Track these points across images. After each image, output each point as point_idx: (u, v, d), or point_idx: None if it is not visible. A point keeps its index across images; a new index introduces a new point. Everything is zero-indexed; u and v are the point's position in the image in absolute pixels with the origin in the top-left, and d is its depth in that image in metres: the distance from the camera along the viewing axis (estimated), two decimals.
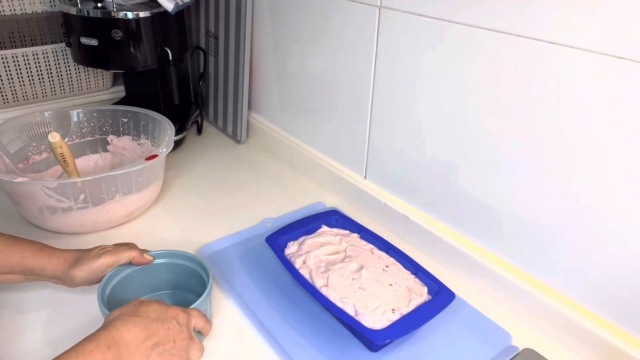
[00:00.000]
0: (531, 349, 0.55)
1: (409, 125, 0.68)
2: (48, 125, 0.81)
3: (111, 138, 0.85)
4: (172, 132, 0.76)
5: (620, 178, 0.48)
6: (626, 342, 0.51)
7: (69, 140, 0.83)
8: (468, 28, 0.56)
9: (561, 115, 0.51)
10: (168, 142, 0.73)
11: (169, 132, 0.76)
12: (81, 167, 0.79)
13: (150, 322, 0.46)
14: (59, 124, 0.82)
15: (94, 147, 0.86)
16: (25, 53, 0.95)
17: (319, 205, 0.81)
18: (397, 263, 0.62)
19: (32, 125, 0.79)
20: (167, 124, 0.78)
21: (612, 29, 0.45)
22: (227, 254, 0.68)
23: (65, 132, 0.82)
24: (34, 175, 0.77)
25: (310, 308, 0.60)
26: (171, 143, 0.73)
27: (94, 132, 0.85)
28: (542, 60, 0.50)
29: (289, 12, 0.83)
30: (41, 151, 0.80)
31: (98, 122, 0.85)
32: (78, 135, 0.84)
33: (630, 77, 0.44)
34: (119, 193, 0.69)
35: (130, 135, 0.85)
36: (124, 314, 0.46)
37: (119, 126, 0.85)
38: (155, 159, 0.69)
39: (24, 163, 0.77)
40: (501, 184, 0.59)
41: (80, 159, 0.83)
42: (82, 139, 0.84)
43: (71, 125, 0.83)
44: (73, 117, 0.83)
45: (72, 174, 0.71)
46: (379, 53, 0.69)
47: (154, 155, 0.69)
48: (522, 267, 0.60)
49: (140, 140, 0.84)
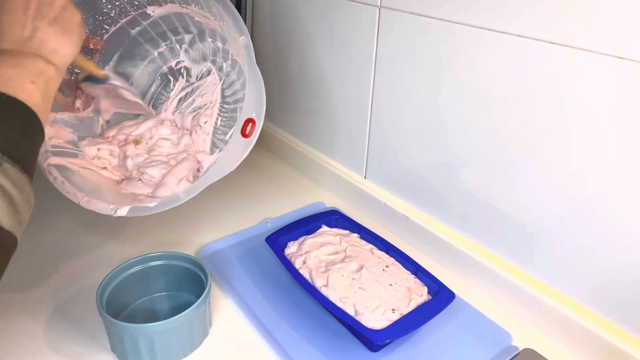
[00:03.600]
0: (531, 349, 0.55)
1: (409, 125, 0.68)
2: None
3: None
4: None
5: (621, 178, 0.48)
6: (626, 342, 0.51)
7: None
8: (468, 28, 0.56)
9: (561, 115, 0.51)
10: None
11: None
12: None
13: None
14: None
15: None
16: None
17: (319, 205, 0.81)
18: (397, 263, 0.62)
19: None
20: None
21: (612, 29, 0.45)
22: (227, 254, 0.68)
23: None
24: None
25: (310, 308, 0.60)
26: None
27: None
28: (543, 60, 0.50)
29: (289, 12, 0.83)
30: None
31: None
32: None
33: (631, 77, 0.44)
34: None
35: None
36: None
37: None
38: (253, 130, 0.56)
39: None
40: (501, 184, 0.59)
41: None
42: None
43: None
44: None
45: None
46: (379, 53, 0.69)
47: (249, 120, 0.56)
48: (522, 267, 0.60)
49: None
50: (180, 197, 0.55)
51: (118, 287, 0.55)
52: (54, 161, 0.60)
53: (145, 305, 0.59)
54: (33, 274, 0.63)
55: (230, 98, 0.71)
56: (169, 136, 0.72)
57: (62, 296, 0.60)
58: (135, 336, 0.49)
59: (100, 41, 0.68)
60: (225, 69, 0.71)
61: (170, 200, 0.55)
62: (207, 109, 0.72)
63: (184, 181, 0.64)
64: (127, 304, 0.58)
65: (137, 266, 0.57)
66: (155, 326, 0.48)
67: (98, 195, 0.59)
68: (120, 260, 0.57)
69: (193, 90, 0.74)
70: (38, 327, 0.56)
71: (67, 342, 0.54)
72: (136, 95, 0.72)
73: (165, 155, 0.70)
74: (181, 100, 0.74)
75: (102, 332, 0.54)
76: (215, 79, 0.72)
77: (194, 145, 0.72)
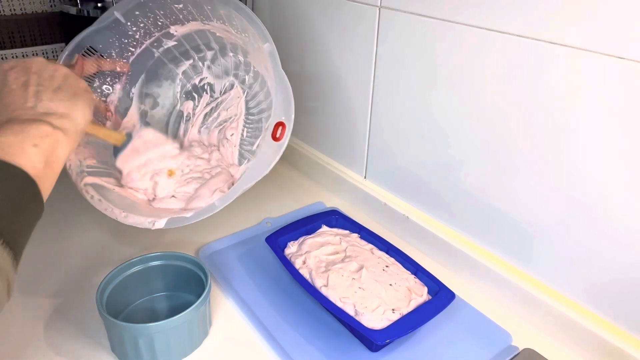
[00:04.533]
0: (531, 349, 0.55)
1: (409, 125, 0.68)
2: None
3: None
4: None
5: (621, 178, 0.48)
6: (626, 342, 0.51)
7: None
8: (468, 28, 0.56)
9: (561, 115, 0.51)
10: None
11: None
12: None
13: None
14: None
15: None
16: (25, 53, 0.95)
17: (319, 205, 0.81)
18: (397, 263, 0.62)
19: None
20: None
21: (612, 29, 0.45)
22: (227, 254, 0.68)
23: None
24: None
25: (310, 308, 0.60)
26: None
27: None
28: (543, 60, 0.50)
29: (288, 12, 0.83)
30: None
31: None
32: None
33: (631, 77, 0.44)
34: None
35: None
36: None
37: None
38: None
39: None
40: (501, 183, 0.59)
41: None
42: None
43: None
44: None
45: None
46: (379, 53, 0.69)
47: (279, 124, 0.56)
48: (522, 267, 0.60)
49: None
50: (216, 205, 0.55)
51: (118, 287, 0.55)
52: (90, 180, 0.60)
53: (145, 305, 0.59)
54: (33, 274, 0.63)
55: (255, 109, 0.72)
56: (202, 155, 0.72)
57: (62, 296, 0.60)
58: (135, 336, 0.49)
59: (127, 64, 0.68)
60: (247, 81, 0.72)
61: (206, 209, 0.56)
62: (233, 122, 0.73)
63: (217, 192, 0.65)
64: (127, 304, 0.58)
65: (137, 266, 0.57)
66: (155, 326, 0.48)
67: (134, 210, 0.60)
68: (120, 260, 0.57)
69: (217, 105, 0.74)
70: (38, 327, 0.56)
71: (67, 342, 0.54)
72: (161, 131, 0.72)
73: (200, 171, 0.70)
74: (206, 116, 0.75)
75: (102, 332, 0.54)
76: (238, 92, 0.73)
77: (223, 159, 0.72)
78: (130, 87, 0.71)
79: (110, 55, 0.66)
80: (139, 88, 0.72)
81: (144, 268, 0.57)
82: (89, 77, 0.65)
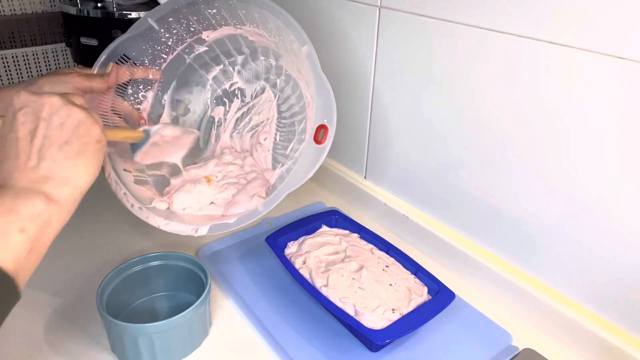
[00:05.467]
0: (531, 349, 0.55)
1: (409, 125, 0.68)
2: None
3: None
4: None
5: (620, 178, 0.48)
6: (626, 342, 0.51)
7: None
8: (468, 28, 0.56)
9: (561, 115, 0.51)
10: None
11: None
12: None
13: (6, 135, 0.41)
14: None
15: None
16: (25, 53, 0.96)
17: (319, 205, 0.81)
18: (397, 263, 0.62)
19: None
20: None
21: (612, 29, 0.45)
22: (227, 254, 0.68)
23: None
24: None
25: (310, 308, 0.60)
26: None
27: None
28: (543, 60, 0.50)
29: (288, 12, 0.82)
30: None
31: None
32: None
33: (631, 77, 0.44)
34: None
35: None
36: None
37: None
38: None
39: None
40: (501, 183, 0.59)
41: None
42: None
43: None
44: None
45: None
46: (379, 53, 0.69)
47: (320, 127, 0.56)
48: (522, 267, 0.60)
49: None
50: (259, 210, 0.55)
51: (118, 287, 0.55)
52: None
53: (145, 305, 0.59)
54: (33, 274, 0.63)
55: (287, 113, 0.72)
56: (234, 161, 0.72)
57: (62, 296, 0.60)
58: (135, 336, 0.49)
59: (159, 72, 0.68)
60: (279, 85, 0.72)
61: (249, 214, 0.55)
62: (265, 126, 0.73)
63: (256, 197, 0.64)
64: (127, 304, 0.58)
65: (137, 266, 0.57)
66: (155, 326, 0.48)
67: (174, 218, 0.60)
68: (120, 260, 0.57)
69: (249, 109, 0.74)
70: (38, 327, 0.56)
71: (67, 342, 0.54)
72: (184, 125, 0.72)
73: (235, 176, 0.70)
74: (238, 121, 0.75)
75: (102, 332, 0.54)
76: (270, 95, 0.72)
77: (257, 164, 0.72)
78: (162, 94, 0.71)
79: (142, 63, 0.66)
80: (170, 95, 0.72)
81: (144, 268, 0.57)
82: (122, 85, 0.65)
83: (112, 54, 0.62)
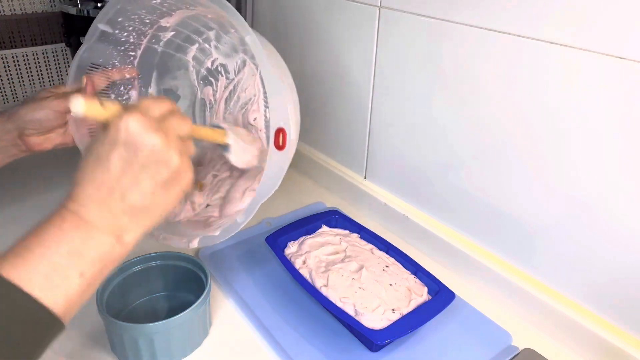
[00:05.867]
0: (531, 349, 0.55)
1: (409, 125, 0.68)
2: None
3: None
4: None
5: (620, 178, 0.48)
6: (626, 341, 0.51)
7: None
8: (468, 28, 0.56)
9: (561, 115, 0.51)
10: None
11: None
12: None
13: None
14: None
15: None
16: (25, 53, 0.96)
17: (319, 205, 0.81)
18: (397, 263, 0.62)
19: None
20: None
21: (612, 29, 0.45)
22: (227, 254, 0.68)
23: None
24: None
25: (310, 308, 0.60)
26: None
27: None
28: (543, 60, 0.50)
29: (289, 12, 0.83)
30: None
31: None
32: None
33: (631, 77, 0.44)
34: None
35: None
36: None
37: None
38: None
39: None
40: (501, 183, 0.59)
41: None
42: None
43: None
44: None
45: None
46: (379, 53, 0.69)
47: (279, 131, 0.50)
48: (522, 267, 0.60)
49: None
50: (238, 222, 0.53)
51: (118, 287, 0.55)
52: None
53: (145, 305, 0.59)
54: None
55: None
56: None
57: None
58: (135, 336, 0.49)
59: (133, 69, 0.67)
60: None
61: (230, 227, 0.53)
62: (253, 104, 0.69)
63: (247, 192, 0.63)
64: (127, 304, 0.58)
65: (137, 266, 0.57)
66: (155, 326, 0.48)
67: (168, 229, 0.59)
68: None
69: (235, 87, 0.71)
70: None
71: (67, 342, 0.54)
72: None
73: (228, 169, 0.68)
74: (227, 101, 0.73)
75: (102, 332, 0.54)
76: (252, 68, 0.69)
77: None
78: (146, 89, 0.70)
79: (114, 66, 0.65)
80: (155, 86, 0.71)
81: (144, 268, 0.57)
82: (102, 91, 0.64)
83: (79, 68, 0.61)
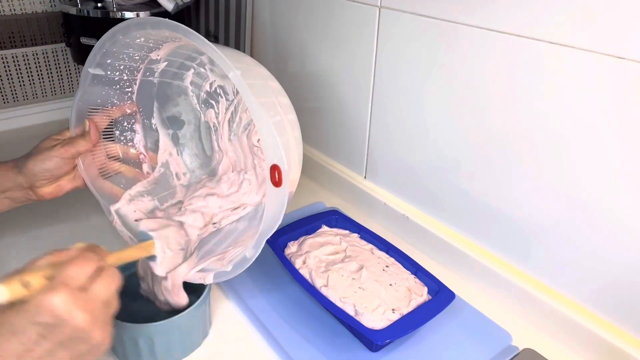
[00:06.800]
0: (531, 349, 0.55)
1: (409, 125, 0.68)
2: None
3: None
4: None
5: (620, 178, 0.48)
6: (626, 342, 0.51)
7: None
8: (468, 28, 0.56)
9: (561, 115, 0.51)
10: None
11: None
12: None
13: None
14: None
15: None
16: (25, 53, 0.96)
17: (319, 205, 0.81)
18: (397, 263, 0.62)
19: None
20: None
21: (612, 29, 0.45)
22: None
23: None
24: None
25: (310, 308, 0.60)
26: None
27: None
28: (543, 60, 0.50)
29: (289, 12, 0.83)
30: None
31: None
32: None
33: (631, 77, 0.44)
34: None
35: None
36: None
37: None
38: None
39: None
40: (501, 183, 0.59)
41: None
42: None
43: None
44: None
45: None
46: (379, 53, 0.69)
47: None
48: (522, 267, 0.60)
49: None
50: (247, 257, 0.53)
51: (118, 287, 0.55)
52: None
53: (146, 305, 0.59)
54: None
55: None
56: (228, 190, 0.69)
57: None
58: (135, 336, 0.49)
59: (133, 103, 0.67)
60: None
61: (241, 262, 0.53)
62: (255, 125, 0.66)
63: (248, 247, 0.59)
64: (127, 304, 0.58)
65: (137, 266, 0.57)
66: (155, 326, 0.49)
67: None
68: None
69: (235, 107, 0.72)
70: None
71: None
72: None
73: (236, 199, 0.68)
74: (230, 122, 0.72)
75: None
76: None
77: (262, 171, 0.69)
78: (150, 120, 0.70)
79: (113, 104, 0.65)
80: (157, 116, 0.71)
81: None
82: (107, 129, 0.65)
83: (79, 113, 0.61)
